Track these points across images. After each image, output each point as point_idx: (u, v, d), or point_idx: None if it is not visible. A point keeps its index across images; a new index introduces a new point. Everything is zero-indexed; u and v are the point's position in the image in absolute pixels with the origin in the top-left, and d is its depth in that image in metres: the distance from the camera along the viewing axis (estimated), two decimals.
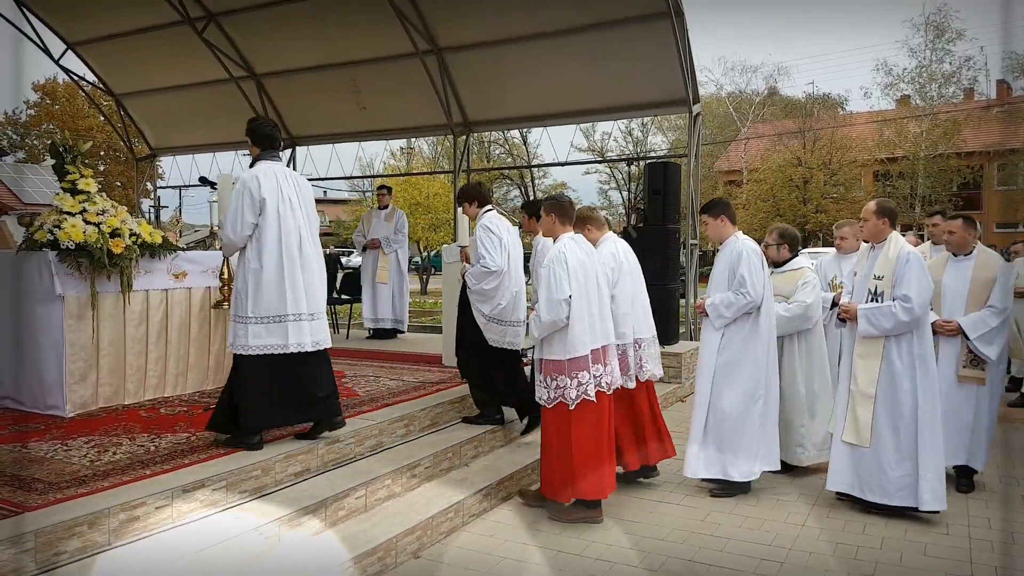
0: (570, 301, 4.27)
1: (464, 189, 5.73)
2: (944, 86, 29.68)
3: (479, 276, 5.31)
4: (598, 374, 4.36)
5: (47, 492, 3.45)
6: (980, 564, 3.92)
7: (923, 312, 4.51)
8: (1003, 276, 5.02)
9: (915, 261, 4.52)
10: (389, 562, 3.84)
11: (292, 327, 4.21)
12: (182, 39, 11.31)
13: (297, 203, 4.32)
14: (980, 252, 5.13)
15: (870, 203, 4.81)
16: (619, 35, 9.20)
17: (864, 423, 4.56)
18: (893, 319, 4.48)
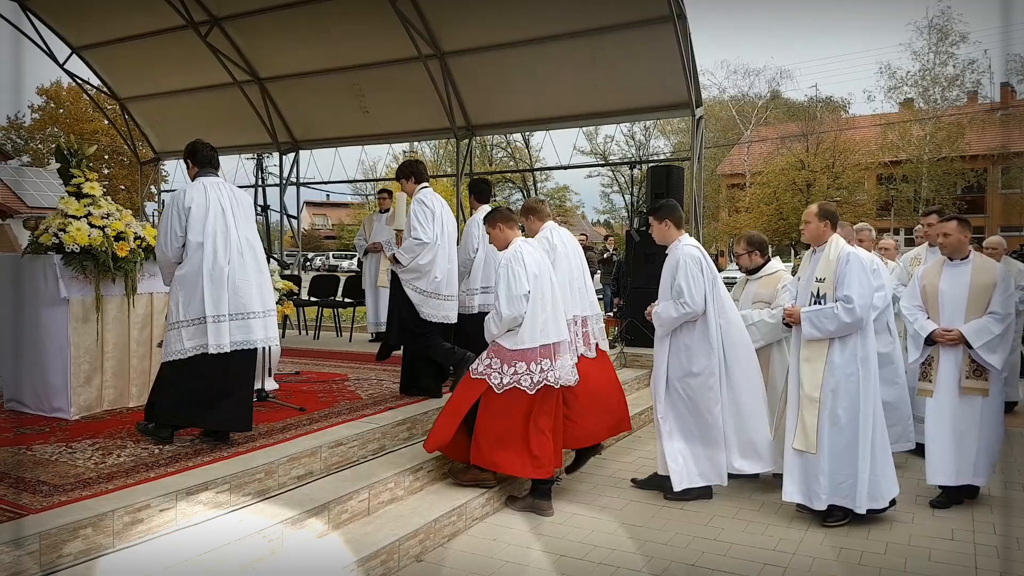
0: (528, 296, 4.42)
1: (401, 165, 5.90)
2: (948, 89, 29.70)
3: (411, 249, 5.47)
4: (546, 367, 4.47)
5: (51, 494, 3.46)
6: (985, 570, 3.90)
7: (865, 313, 4.43)
8: (1003, 280, 4.76)
9: (855, 262, 4.46)
10: (392, 565, 3.84)
11: (211, 328, 4.18)
12: (186, 43, 11.37)
13: (230, 211, 4.36)
14: (976, 255, 4.88)
15: (812, 206, 4.74)
16: (622, 39, 9.23)
17: (811, 428, 4.46)
18: (836, 321, 4.41)
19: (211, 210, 4.28)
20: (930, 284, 4.89)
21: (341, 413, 5.20)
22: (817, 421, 4.45)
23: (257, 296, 4.35)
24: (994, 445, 4.78)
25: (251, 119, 12.41)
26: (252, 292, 4.32)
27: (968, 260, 4.83)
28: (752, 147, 35.65)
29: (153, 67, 12.21)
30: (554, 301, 4.59)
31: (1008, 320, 4.72)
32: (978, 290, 4.73)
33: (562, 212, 42.04)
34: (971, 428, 4.69)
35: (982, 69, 29.77)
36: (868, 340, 4.51)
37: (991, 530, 4.44)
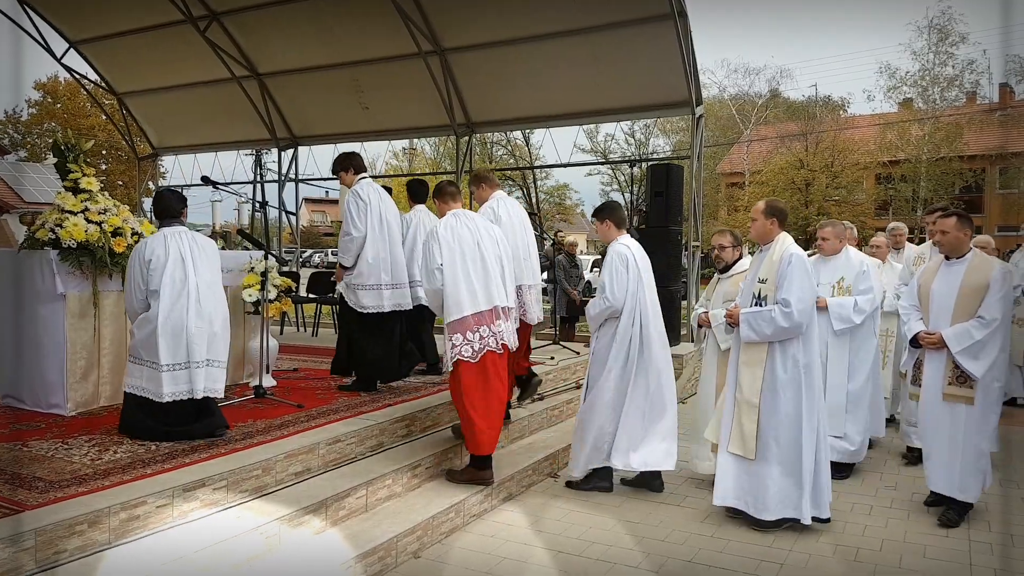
0: (442, 269, 4.58)
1: (336, 158, 5.96)
2: (947, 89, 29.67)
3: (347, 249, 5.60)
4: (484, 335, 4.59)
5: (48, 491, 3.45)
6: (979, 567, 3.91)
7: (804, 318, 4.25)
8: (996, 283, 4.38)
9: (797, 263, 4.28)
10: (390, 562, 3.84)
11: (166, 376, 4.25)
12: (185, 38, 11.33)
13: (190, 260, 4.41)
14: (975, 255, 4.58)
15: (759, 203, 4.63)
16: (622, 37, 9.21)
17: (749, 434, 4.35)
18: (772, 325, 4.26)
19: (171, 259, 4.35)
20: (925, 284, 4.71)
21: (339, 410, 5.20)
22: (757, 428, 4.34)
23: (209, 344, 4.38)
24: (979, 461, 4.42)
25: (250, 115, 12.38)
26: (204, 339, 4.36)
27: (964, 260, 4.56)
28: (751, 146, 35.63)
29: (151, 62, 12.17)
30: (485, 269, 4.68)
31: (993, 326, 4.34)
32: (968, 292, 4.44)
33: (562, 210, 41.99)
34: (952, 437, 4.44)
35: (981, 70, 29.73)
36: (811, 346, 4.36)
37: (986, 527, 4.45)
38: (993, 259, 4.65)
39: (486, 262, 4.71)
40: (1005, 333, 4.47)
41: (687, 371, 8.27)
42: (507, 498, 4.92)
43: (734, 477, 4.43)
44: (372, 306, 5.63)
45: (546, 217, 37.41)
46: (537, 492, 5.14)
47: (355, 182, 5.77)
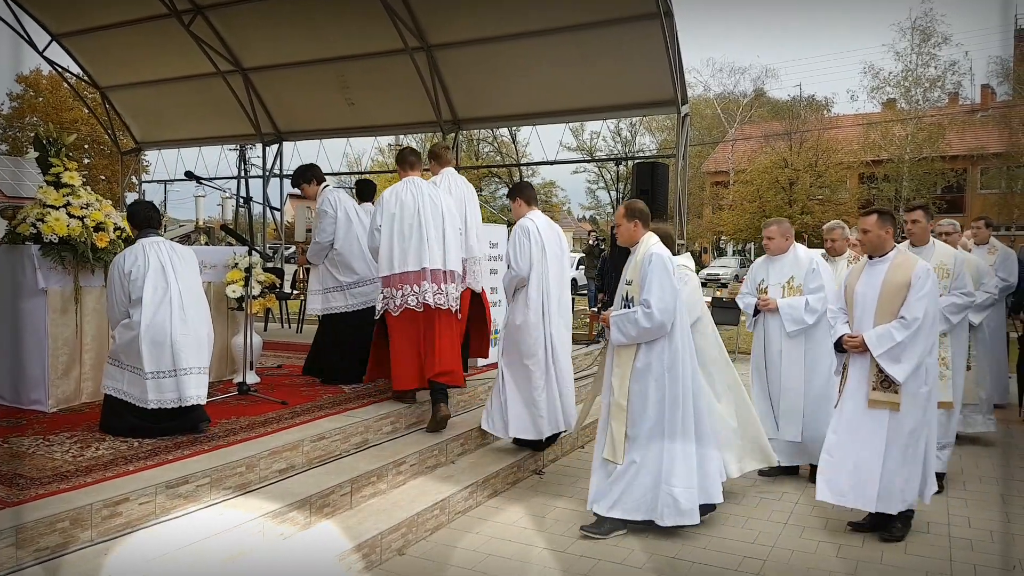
0: (380, 230, 5.17)
1: (296, 172, 6.09)
2: (929, 90, 29.95)
3: (317, 255, 5.77)
4: (406, 293, 5.11)
5: (29, 487, 3.42)
6: (959, 562, 3.96)
7: (667, 317, 4.14)
8: (918, 281, 4.17)
9: (657, 264, 4.19)
10: (374, 559, 3.83)
11: (150, 384, 4.22)
12: (169, 32, 11.24)
13: (171, 268, 4.39)
14: (897, 254, 4.34)
15: (621, 207, 4.52)
16: (609, 35, 9.23)
17: (618, 438, 4.27)
18: (636, 326, 4.18)
19: (151, 268, 4.32)
20: (850, 285, 4.47)
21: (324, 407, 5.18)
22: (624, 431, 4.26)
23: (195, 352, 4.35)
24: (911, 467, 4.18)
25: (234, 110, 12.31)
26: (191, 347, 4.33)
27: (887, 258, 4.32)
28: (736, 145, 35.83)
29: (135, 56, 12.06)
30: (421, 234, 5.14)
31: (915, 326, 4.12)
32: (889, 291, 4.23)
33: (548, 208, 42.05)
34: (875, 445, 4.17)
35: (963, 71, 30.04)
36: (674, 345, 4.26)
37: (966, 523, 4.50)
38: (915, 257, 4.35)
39: (423, 228, 5.12)
40: (930, 335, 4.18)
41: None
42: (492, 495, 4.92)
43: (606, 483, 4.32)
44: (347, 306, 5.89)
45: None
46: (522, 488, 5.15)
47: (319, 192, 5.89)
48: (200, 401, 4.38)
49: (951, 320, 5.26)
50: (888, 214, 4.39)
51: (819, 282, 5.22)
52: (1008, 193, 29.31)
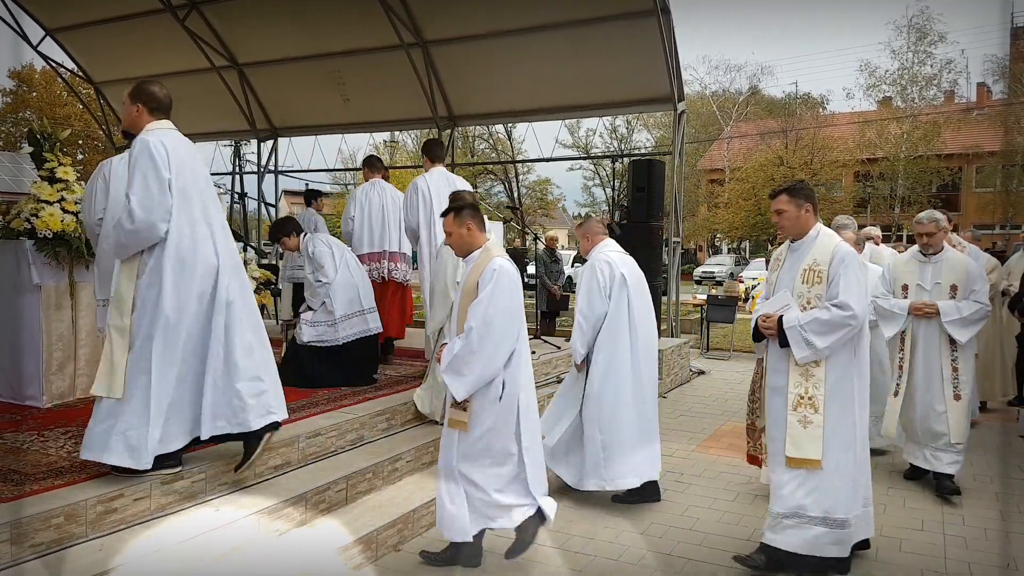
0: (353, 219, 6.79)
1: (273, 228, 6.27)
2: (925, 88, 30.05)
3: (318, 297, 5.81)
4: (372, 267, 6.63)
5: (23, 483, 3.41)
6: (953, 560, 3.98)
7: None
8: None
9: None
10: (370, 555, 3.83)
11: None
12: (163, 27, 11.18)
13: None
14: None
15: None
16: (606, 31, 9.22)
17: None
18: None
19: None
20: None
21: (319, 403, 5.18)
22: None
23: None
24: None
25: (229, 105, 12.26)
26: None
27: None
28: (732, 143, 35.87)
29: (129, 51, 11.99)
30: (384, 223, 6.80)
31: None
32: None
33: (544, 205, 42.03)
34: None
35: (959, 69, 30.18)
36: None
37: (960, 521, 4.52)
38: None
39: (386, 219, 6.76)
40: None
41: (666, 367, 8.32)
42: None
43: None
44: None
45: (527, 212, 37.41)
46: None
47: (300, 240, 5.92)
48: None
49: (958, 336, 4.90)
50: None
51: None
52: (1002, 192, 29.41)
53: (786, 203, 3.83)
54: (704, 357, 10.85)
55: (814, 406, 3.66)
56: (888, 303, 5.12)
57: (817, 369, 3.67)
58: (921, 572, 3.82)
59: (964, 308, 4.87)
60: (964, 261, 5.08)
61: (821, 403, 3.65)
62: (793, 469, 3.68)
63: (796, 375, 3.71)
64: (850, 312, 3.57)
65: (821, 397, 3.65)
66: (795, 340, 3.65)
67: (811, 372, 3.68)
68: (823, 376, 3.66)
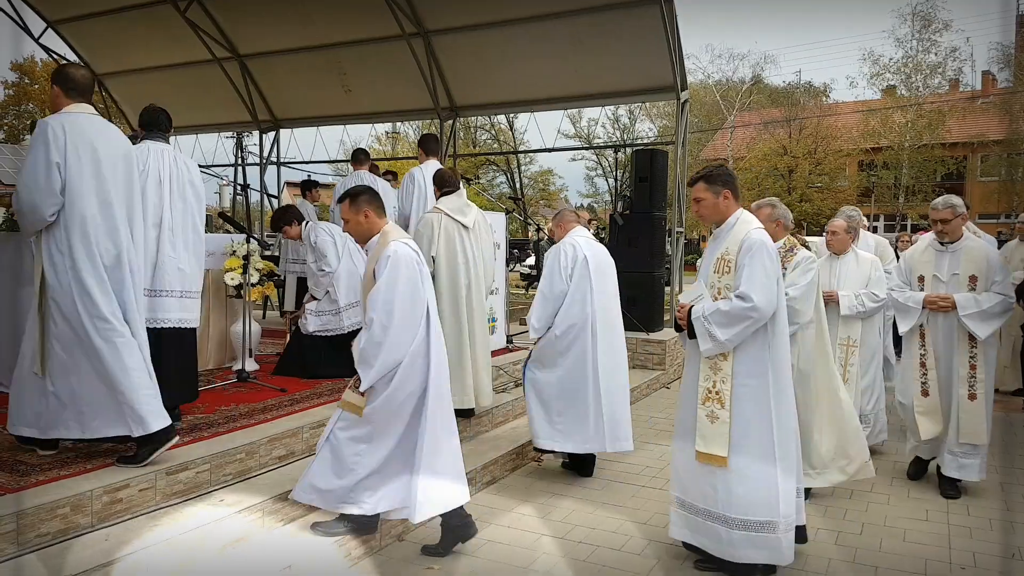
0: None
1: (274, 216, 6.33)
2: (930, 77, 29.88)
3: (322, 285, 5.86)
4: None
5: (29, 474, 3.42)
6: (958, 550, 3.98)
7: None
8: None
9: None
10: (374, 544, 3.84)
11: None
12: (165, 19, 11.15)
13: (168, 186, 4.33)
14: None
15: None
16: (608, 20, 9.17)
17: None
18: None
19: (150, 177, 4.23)
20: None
21: (323, 394, 5.18)
22: None
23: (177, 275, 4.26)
24: None
25: (231, 97, 12.23)
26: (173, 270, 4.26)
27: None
28: (735, 132, 35.75)
29: (131, 43, 11.97)
30: None
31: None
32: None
33: (546, 196, 41.94)
34: None
35: (964, 57, 30.07)
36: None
37: (965, 511, 4.52)
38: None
39: None
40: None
41: (669, 357, 8.32)
42: (491, 482, 4.93)
43: None
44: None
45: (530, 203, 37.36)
46: (521, 475, 5.16)
47: (303, 228, 5.97)
48: (185, 324, 4.26)
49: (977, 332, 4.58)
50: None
51: None
52: (1008, 181, 29.28)
53: (703, 190, 3.63)
54: None
55: (721, 401, 3.49)
56: (904, 296, 4.88)
57: (725, 363, 3.49)
58: (925, 562, 3.82)
59: (984, 301, 4.55)
60: (984, 249, 4.75)
61: (728, 398, 3.47)
62: (702, 464, 3.54)
63: (705, 368, 3.55)
64: (750, 304, 3.36)
65: (728, 392, 3.47)
66: (700, 332, 3.50)
67: (719, 366, 3.50)
68: (730, 371, 3.48)
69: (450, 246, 5.19)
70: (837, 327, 5.31)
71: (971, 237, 4.84)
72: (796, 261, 4.40)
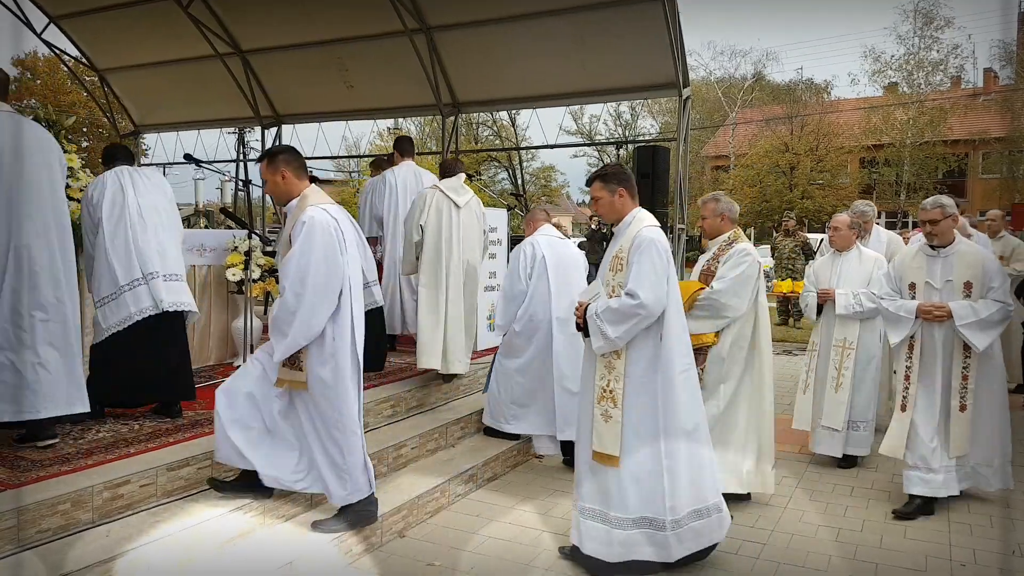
0: None
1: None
2: (931, 74, 29.84)
3: None
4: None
5: (29, 469, 3.43)
6: (958, 547, 3.98)
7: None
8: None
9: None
10: (375, 541, 3.84)
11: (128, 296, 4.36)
12: (167, 14, 11.13)
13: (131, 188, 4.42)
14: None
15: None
16: (610, 16, 9.14)
17: None
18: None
19: (108, 189, 4.37)
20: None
21: None
22: None
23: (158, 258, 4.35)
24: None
25: (233, 92, 12.22)
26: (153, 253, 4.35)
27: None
28: (737, 129, 35.71)
29: (133, 38, 11.95)
30: None
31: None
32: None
33: (547, 192, 41.91)
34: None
35: (966, 54, 30.02)
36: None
37: (966, 509, 4.51)
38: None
39: None
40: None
41: None
42: (492, 478, 4.94)
43: None
44: None
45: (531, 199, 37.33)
46: (522, 471, 5.17)
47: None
48: (178, 307, 4.26)
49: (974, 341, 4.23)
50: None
51: None
52: (1009, 178, 29.24)
53: (599, 189, 3.64)
54: None
55: (614, 400, 3.47)
56: (895, 304, 4.48)
57: (618, 361, 3.48)
58: (926, 559, 3.83)
59: (982, 309, 4.20)
60: (979, 254, 4.40)
61: (621, 397, 3.46)
62: (596, 463, 3.51)
63: (601, 367, 3.53)
64: (637, 301, 3.35)
65: (621, 391, 3.46)
66: (592, 330, 3.48)
67: (613, 364, 3.49)
68: (623, 370, 3.47)
69: (438, 218, 5.39)
70: (833, 327, 5.21)
71: (963, 241, 4.51)
72: (729, 254, 4.39)
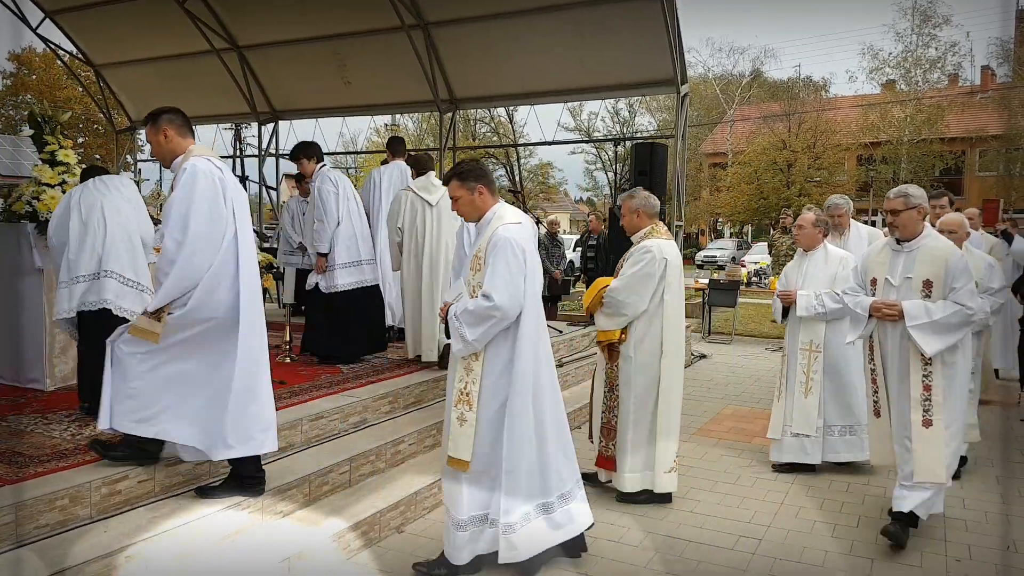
0: None
1: (297, 145, 6.11)
2: (929, 71, 29.89)
3: (325, 240, 5.78)
4: None
5: (27, 465, 3.43)
6: (953, 543, 3.99)
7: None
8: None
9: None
10: (373, 536, 3.85)
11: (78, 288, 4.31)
12: (163, 9, 11.11)
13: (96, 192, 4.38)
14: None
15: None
16: (608, 13, 9.15)
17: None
18: None
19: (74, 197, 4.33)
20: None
21: (322, 386, 5.19)
22: None
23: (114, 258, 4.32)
24: None
25: (230, 88, 12.21)
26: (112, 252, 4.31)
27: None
28: (735, 126, 35.73)
29: (129, 33, 11.93)
30: None
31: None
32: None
33: (545, 189, 41.91)
34: None
35: (963, 52, 30.16)
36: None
37: (961, 504, 4.53)
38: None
39: None
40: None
41: None
42: None
43: None
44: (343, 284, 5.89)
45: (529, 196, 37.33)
46: None
47: (316, 171, 5.88)
48: (119, 312, 4.16)
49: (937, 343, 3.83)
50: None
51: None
52: (1006, 176, 29.31)
53: (458, 188, 3.53)
54: (706, 341, 10.84)
55: (470, 403, 3.38)
56: (853, 300, 4.14)
57: (476, 364, 3.40)
58: (921, 555, 3.84)
59: (936, 310, 3.77)
60: (945, 250, 3.91)
61: (475, 400, 3.37)
62: (451, 469, 3.42)
63: (460, 369, 3.45)
64: (491, 303, 3.27)
65: (476, 393, 3.38)
66: (452, 331, 3.40)
67: (471, 367, 3.40)
68: (480, 372, 3.39)
69: (412, 218, 5.84)
70: (799, 330, 5.03)
71: (933, 236, 4.01)
72: (631, 252, 4.36)
